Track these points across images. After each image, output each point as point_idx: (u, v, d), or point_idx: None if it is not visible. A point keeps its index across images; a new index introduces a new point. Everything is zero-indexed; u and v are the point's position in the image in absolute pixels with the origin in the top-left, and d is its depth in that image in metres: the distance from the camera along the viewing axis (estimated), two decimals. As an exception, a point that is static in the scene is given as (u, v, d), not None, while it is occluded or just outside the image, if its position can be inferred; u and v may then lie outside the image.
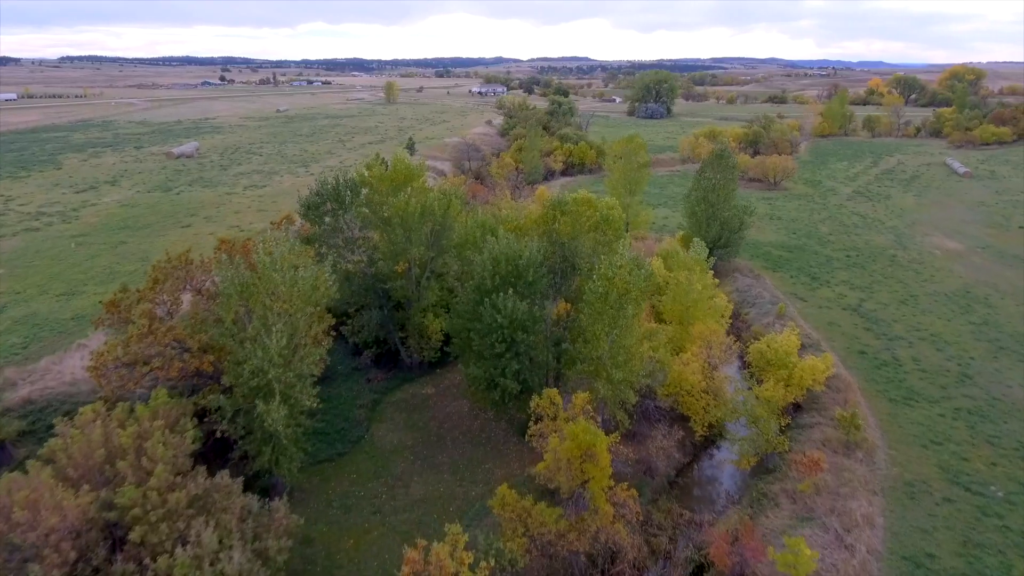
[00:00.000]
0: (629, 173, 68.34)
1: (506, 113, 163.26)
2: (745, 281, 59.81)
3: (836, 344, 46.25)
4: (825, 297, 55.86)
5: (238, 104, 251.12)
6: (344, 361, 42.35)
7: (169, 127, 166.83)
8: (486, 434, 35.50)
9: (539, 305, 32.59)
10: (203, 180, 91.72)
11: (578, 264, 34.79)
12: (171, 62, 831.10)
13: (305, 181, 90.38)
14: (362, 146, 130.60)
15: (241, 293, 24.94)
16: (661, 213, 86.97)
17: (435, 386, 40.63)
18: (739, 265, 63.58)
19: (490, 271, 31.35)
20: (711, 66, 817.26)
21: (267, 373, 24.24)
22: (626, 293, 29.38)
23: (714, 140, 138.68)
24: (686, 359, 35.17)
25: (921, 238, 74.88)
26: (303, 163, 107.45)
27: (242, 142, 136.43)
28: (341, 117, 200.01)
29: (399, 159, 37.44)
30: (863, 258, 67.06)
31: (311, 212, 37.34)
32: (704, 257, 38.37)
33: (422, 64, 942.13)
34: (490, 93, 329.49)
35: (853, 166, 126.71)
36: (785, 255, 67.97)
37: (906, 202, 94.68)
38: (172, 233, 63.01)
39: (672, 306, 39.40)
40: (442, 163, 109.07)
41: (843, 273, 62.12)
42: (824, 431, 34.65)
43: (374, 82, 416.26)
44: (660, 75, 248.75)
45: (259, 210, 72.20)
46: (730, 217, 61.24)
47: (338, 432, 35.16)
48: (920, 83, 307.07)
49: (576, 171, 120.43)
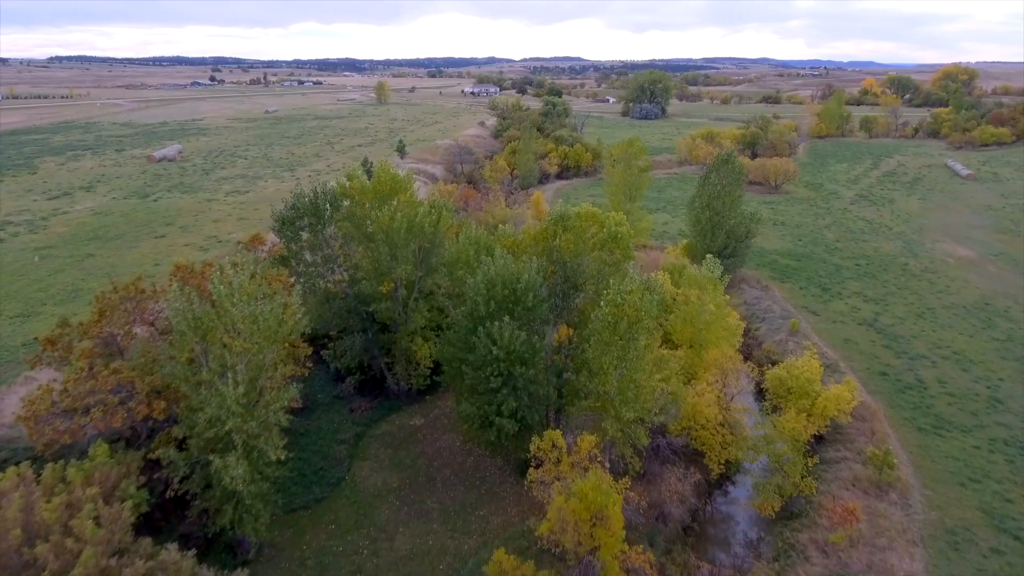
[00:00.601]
0: (629, 178, 65.12)
1: (499, 114, 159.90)
2: (753, 293, 56.72)
3: (855, 364, 43.20)
4: (838, 310, 52.85)
5: (227, 105, 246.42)
6: (325, 388, 38.85)
7: (154, 129, 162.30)
8: (480, 474, 32.13)
9: (539, 333, 29.27)
10: (183, 185, 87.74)
11: (581, 284, 31.50)
12: (161, 62, 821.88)
13: (290, 186, 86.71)
14: (351, 148, 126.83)
15: (195, 329, 21.46)
16: (661, 218, 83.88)
17: (424, 416, 37.21)
18: (746, 275, 60.52)
19: (484, 295, 27.98)
20: (703, 66, 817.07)
21: (225, 423, 20.78)
22: (637, 322, 26.11)
23: (711, 141, 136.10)
24: (700, 390, 31.96)
25: (931, 245, 72.14)
26: (289, 167, 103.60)
27: (227, 145, 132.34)
28: (331, 118, 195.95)
29: (383, 169, 34.01)
30: (874, 267, 64.17)
31: (286, 228, 33.83)
32: (718, 275, 35.22)
33: (415, 64, 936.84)
34: (483, 93, 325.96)
35: (853, 168, 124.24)
36: (793, 264, 64.98)
37: (911, 206, 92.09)
38: (144, 244, 59.18)
39: (682, 328, 36.18)
40: (433, 166, 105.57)
41: (854, 283, 59.17)
42: (852, 468, 31.51)
43: (366, 82, 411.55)
44: (655, 75, 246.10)
45: (240, 218, 68.43)
46: (736, 225, 58.15)
47: (316, 473, 31.66)
48: (914, 83, 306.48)
49: (572, 174, 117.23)
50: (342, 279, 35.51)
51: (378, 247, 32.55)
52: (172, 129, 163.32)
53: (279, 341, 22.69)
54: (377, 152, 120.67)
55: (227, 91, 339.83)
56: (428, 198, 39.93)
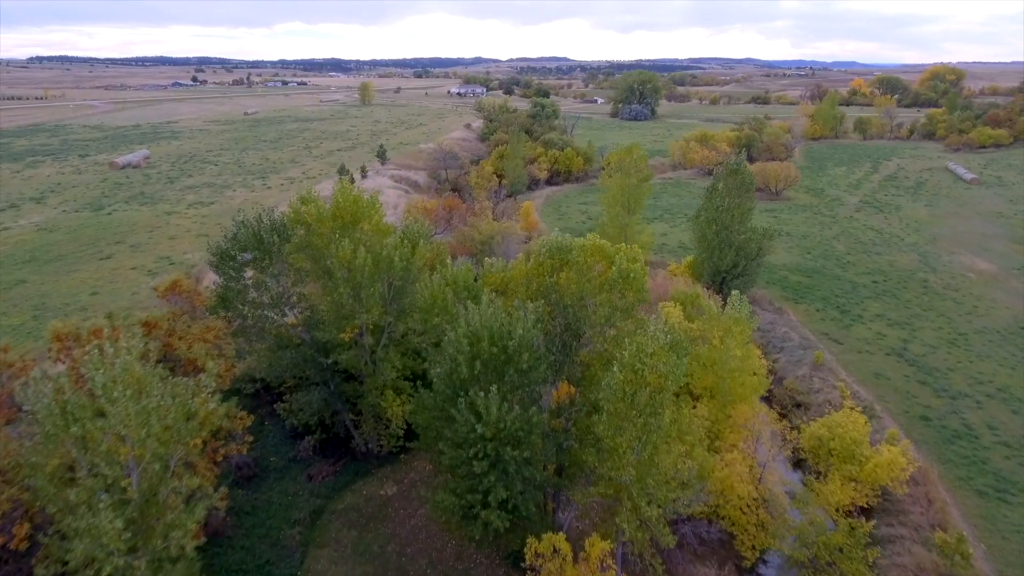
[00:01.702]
0: (628, 188, 59.66)
1: (486, 116, 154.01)
2: (767, 317, 51.47)
3: (892, 406, 38.02)
4: (862, 337, 47.74)
5: (206, 106, 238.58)
6: (279, 449, 32.83)
7: (126, 132, 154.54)
8: (464, 564, 26.36)
9: (535, 398, 23.59)
10: (143, 196, 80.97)
11: (584, 331, 25.85)
12: (144, 62, 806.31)
13: (260, 196, 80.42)
14: (330, 153, 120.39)
15: (65, 429, 15.52)
16: (658, 228, 78.63)
17: (397, 482, 31.35)
18: (757, 296, 55.31)
19: (466, 354, 22.23)
20: (689, 66, 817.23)
21: (103, 569, 14.86)
22: (661, 391, 20.56)
23: (705, 144, 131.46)
24: (730, 460, 26.45)
25: (948, 257, 67.50)
26: (261, 174, 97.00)
27: (199, 149, 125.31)
28: (311, 120, 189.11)
29: (344, 192, 28.08)
30: (892, 284, 59.29)
31: (225, 264, 27.82)
32: (746, 314, 29.81)
33: (401, 64, 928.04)
34: (469, 94, 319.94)
35: (853, 172, 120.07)
36: (805, 281, 59.90)
37: (919, 213, 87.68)
38: (86, 267, 52.63)
39: (701, 375, 30.68)
40: (416, 173, 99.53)
41: (874, 304, 54.17)
42: (912, 551, 26.17)
43: (351, 83, 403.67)
44: (644, 75, 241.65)
45: (199, 234, 61.94)
46: (746, 241, 52.93)
47: (260, 568, 25.71)
48: (903, 83, 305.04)
49: (562, 179, 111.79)
50: (296, 323, 29.57)
51: (338, 286, 26.65)
52: (144, 132, 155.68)
53: (185, 441, 16.76)
54: (357, 157, 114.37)
55: (208, 92, 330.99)
56: (403, 219, 34.02)
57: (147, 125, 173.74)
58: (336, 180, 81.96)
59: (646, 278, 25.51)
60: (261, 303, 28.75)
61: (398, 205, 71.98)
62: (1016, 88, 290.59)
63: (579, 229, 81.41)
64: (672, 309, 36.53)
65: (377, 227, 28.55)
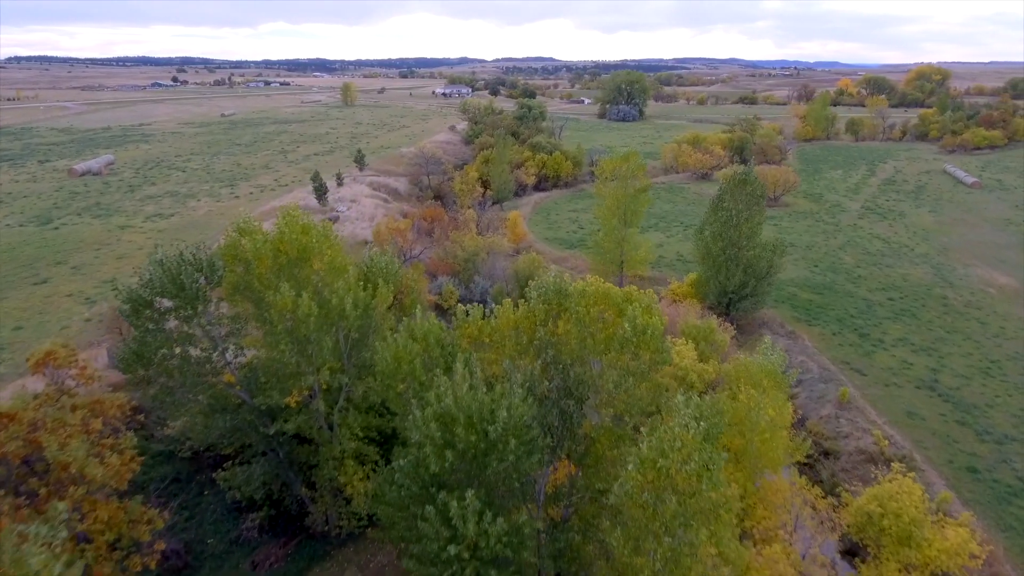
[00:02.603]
0: (625, 199, 54.75)
1: (471, 118, 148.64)
2: (778, 343, 46.64)
3: (932, 454, 33.37)
4: (886, 366, 43.16)
5: (183, 107, 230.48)
6: (219, 527, 27.27)
7: (94, 135, 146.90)
8: None
9: (527, 495, 18.43)
10: (99, 207, 74.57)
11: (587, 396, 20.73)
12: (126, 63, 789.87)
13: (225, 207, 74.42)
14: (306, 158, 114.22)
15: None
16: (654, 238, 73.91)
17: (362, 567, 26.00)
18: (766, 317, 50.67)
19: (437, 442, 17.01)
20: (674, 66, 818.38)
21: None
22: (693, 496, 15.52)
23: (698, 147, 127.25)
24: (770, 556, 21.42)
25: (963, 270, 63.41)
26: (230, 182, 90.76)
27: (168, 154, 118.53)
28: (290, 122, 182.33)
29: (291, 220, 22.66)
30: (908, 301, 54.94)
31: (138, 315, 22.28)
32: (781, 365, 24.92)
33: (386, 64, 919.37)
34: (454, 94, 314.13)
35: (849, 175, 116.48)
36: (815, 299, 55.35)
37: (924, 220, 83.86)
38: (16, 294, 46.46)
39: (726, 434, 25.68)
40: (396, 179, 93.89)
41: (894, 326, 49.71)
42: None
43: (335, 83, 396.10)
44: (632, 75, 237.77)
45: (152, 252, 55.92)
46: (756, 258, 48.26)
47: None
48: (890, 83, 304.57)
49: (551, 185, 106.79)
50: (234, 382, 24.11)
51: (279, 341, 21.27)
52: (114, 135, 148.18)
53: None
54: (335, 162, 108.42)
55: (188, 93, 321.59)
56: (370, 244, 28.70)
57: (118, 128, 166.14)
58: (308, 190, 76.23)
59: (663, 327, 20.40)
60: (188, 358, 23.25)
61: (375, 216, 66.42)
62: (1002, 88, 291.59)
63: (570, 240, 76.47)
64: (684, 348, 31.51)
65: (332, 264, 23.17)
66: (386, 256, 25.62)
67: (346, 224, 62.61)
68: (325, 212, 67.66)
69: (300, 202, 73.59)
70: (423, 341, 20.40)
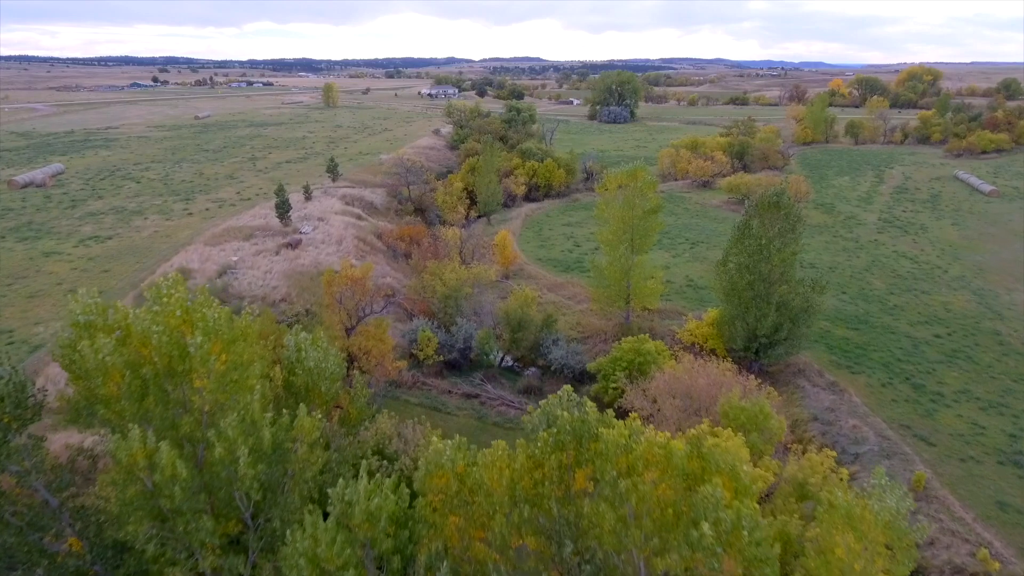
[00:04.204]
0: (633, 222, 47.08)
1: (456, 122, 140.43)
2: (820, 398, 39.20)
3: (1047, 570, 25.89)
4: (954, 431, 35.77)
5: (157, 109, 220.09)
6: None
7: (53, 140, 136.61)
8: None
9: None
10: (30, 227, 65.41)
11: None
12: (108, 62, 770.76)
13: (173, 227, 65.64)
14: (276, 166, 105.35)
15: None
16: (659, 259, 66.46)
17: None
18: (801, 364, 43.13)
19: None
20: (661, 66, 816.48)
21: None
22: None
23: (697, 152, 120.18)
24: None
25: (1007, 296, 56.50)
26: (187, 195, 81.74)
27: (127, 161, 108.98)
28: (267, 125, 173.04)
29: (165, 306, 14.47)
30: (958, 338, 47.74)
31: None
32: (904, 513, 17.29)
33: (373, 64, 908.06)
34: (441, 95, 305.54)
35: (857, 182, 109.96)
36: (852, 336, 47.99)
37: (948, 235, 77.15)
38: None
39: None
40: (373, 191, 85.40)
41: (950, 372, 42.42)
42: None
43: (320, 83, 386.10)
44: (623, 76, 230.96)
45: (73, 288, 47.18)
46: (789, 294, 40.74)
47: None
48: (882, 84, 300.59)
49: (542, 194, 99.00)
50: (83, 550, 15.85)
51: (130, 514, 13.10)
52: (74, 140, 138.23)
53: None
54: (308, 171, 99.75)
55: (166, 93, 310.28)
56: (297, 330, 20.51)
57: (82, 131, 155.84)
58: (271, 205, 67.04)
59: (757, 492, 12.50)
60: (8, 524, 14.99)
61: (343, 239, 58.07)
62: (995, 89, 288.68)
63: (566, 261, 68.62)
64: (731, 442, 23.61)
65: (226, 376, 14.95)
66: (319, 347, 17.40)
67: (309, 249, 54.23)
68: (287, 233, 59.17)
69: (260, 220, 65.10)
70: (367, 527, 12.29)
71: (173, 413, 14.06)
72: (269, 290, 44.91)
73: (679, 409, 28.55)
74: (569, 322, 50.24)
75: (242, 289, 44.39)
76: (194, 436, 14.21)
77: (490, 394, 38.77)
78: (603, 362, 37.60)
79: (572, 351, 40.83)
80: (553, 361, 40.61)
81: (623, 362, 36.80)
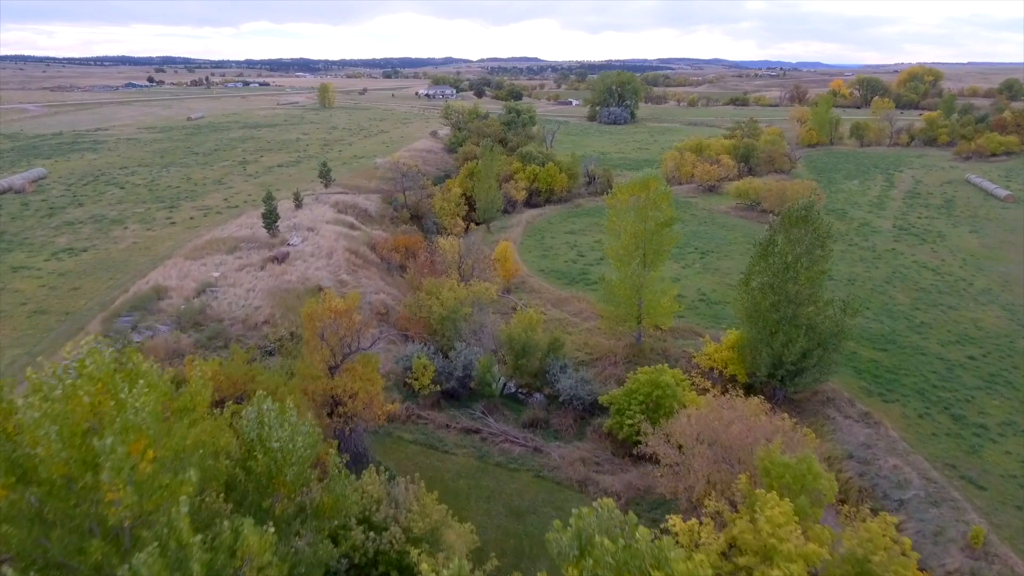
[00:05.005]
0: (645, 236, 43.57)
1: (454, 124, 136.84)
2: (853, 431, 35.76)
3: None
4: (1005, 471, 32.40)
5: (149, 110, 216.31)
6: None
7: (40, 142, 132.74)
8: None
9: None
10: (2, 237, 61.67)
11: None
12: (105, 62, 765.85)
13: (154, 238, 61.99)
14: (268, 170, 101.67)
15: None
16: (668, 271, 62.60)
17: None
18: (829, 392, 39.72)
19: None
20: (659, 66, 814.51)
21: None
22: None
23: (702, 155, 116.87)
24: None
25: (1040, 312, 53.24)
26: (172, 202, 78.03)
27: (113, 165, 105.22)
28: (260, 127, 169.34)
29: (69, 390, 10.99)
30: (994, 360, 44.42)
31: None
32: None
33: (370, 64, 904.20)
34: (438, 95, 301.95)
35: (867, 186, 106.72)
36: (881, 358, 44.60)
37: (968, 243, 73.92)
38: None
39: None
40: (367, 197, 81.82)
41: (991, 400, 39.08)
42: None
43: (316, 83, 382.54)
44: (623, 76, 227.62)
45: (36, 311, 43.22)
46: (817, 316, 37.39)
47: None
48: (883, 84, 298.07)
49: (543, 200, 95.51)
50: None
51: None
52: (62, 142, 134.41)
53: None
54: (300, 175, 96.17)
55: (160, 94, 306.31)
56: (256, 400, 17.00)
57: (70, 133, 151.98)
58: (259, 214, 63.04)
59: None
60: None
61: (334, 251, 54.48)
62: (996, 89, 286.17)
63: (570, 272, 65.09)
64: (777, 510, 20.16)
65: (171, 454, 11.43)
66: (286, 423, 13.74)
67: (296, 263, 50.63)
68: (274, 245, 55.60)
69: (246, 230, 61.44)
70: None
71: (80, 536, 10.58)
72: (251, 311, 41.33)
73: (708, 459, 25.11)
74: (576, 342, 46.77)
75: (221, 311, 40.80)
76: (110, 563, 10.69)
77: (492, 428, 35.29)
78: (617, 395, 34.13)
79: (581, 380, 37.33)
80: (561, 391, 37.13)
81: (639, 395, 33.34)
